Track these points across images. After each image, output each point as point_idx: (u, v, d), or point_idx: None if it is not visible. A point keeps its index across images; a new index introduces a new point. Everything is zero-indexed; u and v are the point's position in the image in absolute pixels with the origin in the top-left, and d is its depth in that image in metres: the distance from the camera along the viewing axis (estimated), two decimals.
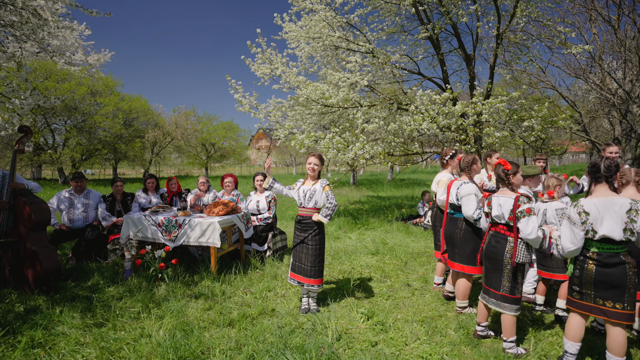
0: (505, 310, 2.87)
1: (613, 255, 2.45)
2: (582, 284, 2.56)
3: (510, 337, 2.87)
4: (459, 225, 3.59)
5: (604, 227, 2.43)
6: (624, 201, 2.43)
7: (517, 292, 2.86)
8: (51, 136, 21.89)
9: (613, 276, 2.44)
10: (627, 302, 2.43)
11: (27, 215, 4.06)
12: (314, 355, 2.62)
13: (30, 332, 3.00)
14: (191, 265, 4.80)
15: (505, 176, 3.00)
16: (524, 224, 2.75)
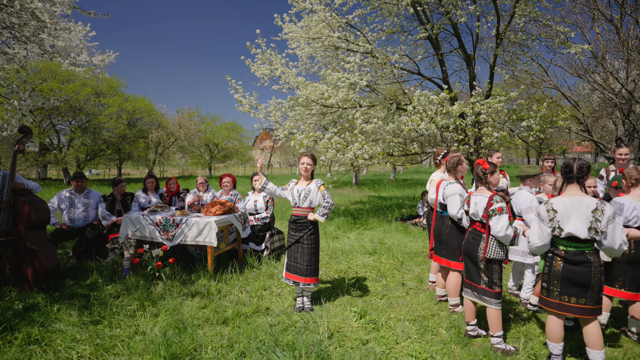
0: (488, 304, 2.94)
1: (579, 254, 2.52)
2: (550, 280, 2.64)
3: (497, 331, 2.92)
4: (446, 223, 3.67)
5: (570, 225, 2.51)
6: (591, 201, 2.50)
7: (495, 286, 2.94)
8: (56, 136, 22.12)
9: (578, 274, 2.51)
10: (589, 299, 2.51)
11: (27, 214, 4.13)
12: (304, 353, 2.65)
13: (28, 328, 3.06)
14: (189, 264, 4.85)
15: (483, 175, 3.10)
16: (494, 221, 2.86)
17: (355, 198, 13.95)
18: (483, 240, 2.99)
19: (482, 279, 3.00)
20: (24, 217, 4.13)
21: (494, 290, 2.94)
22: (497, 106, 6.03)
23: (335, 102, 7.41)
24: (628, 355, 2.86)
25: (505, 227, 2.84)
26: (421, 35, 7.30)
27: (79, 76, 19.88)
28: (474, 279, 3.05)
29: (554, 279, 2.61)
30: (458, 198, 3.46)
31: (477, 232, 3.07)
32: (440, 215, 3.79)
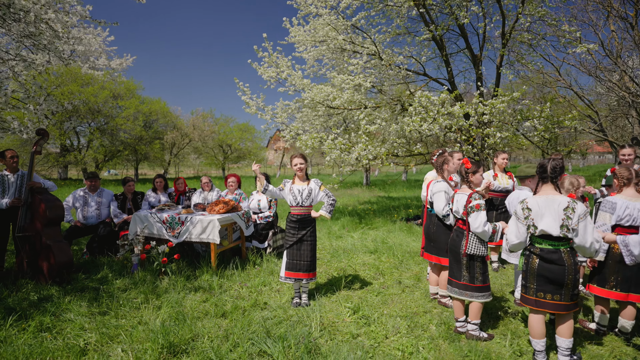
0: (470, 298, 3.07)
1: (554, 252, 2.60)
2: (527, 278, 2.73)
3: (474, 319, 3.08)
4: (433, 221, 3.77)
5: (543, 222, 2.59)
6: (563, 199, 2.58)
7: (477, 281, 3.05)
8: (76, 138, 22.90)
9: (553, 272, 2.59)
10: (564, 295, 2.59)
11: (43, 211, 4.40)
12: (293, 344, 2.78)
13: (40, 317, 3.29)
14: (194, 261, 5.05)
15: (465, 174, 3.19)
16: (472, 218, 2.97)
17: (364, 198, 14.01)
18: (464, 237, 3.11)
19: (463, 275, 3.12)
20: (40, 214, 4.40)
21: (475, 284, 3.06)
22: (500, 107, 6.03)
23: (341, 104, 7.53)
24: (615, 353, 2.89)
25: (483, 223, 2.95)
26: (426, 36, 7.34)
27: (98, 79, 20.56)
28: (456, 275, 3.17)
29: (531, 276, 2.70)
30: (443, 195, 3.57)
31: (460, 230, 3.19)
32: (429, 213, 3.90)
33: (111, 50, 9.37)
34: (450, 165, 3.74)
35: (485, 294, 3.07)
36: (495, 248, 5.10)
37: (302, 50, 8.73)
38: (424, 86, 8.37)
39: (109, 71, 9.69)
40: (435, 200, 3.64)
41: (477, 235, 3.04)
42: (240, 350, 2.77)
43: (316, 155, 23.54)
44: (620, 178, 3.20)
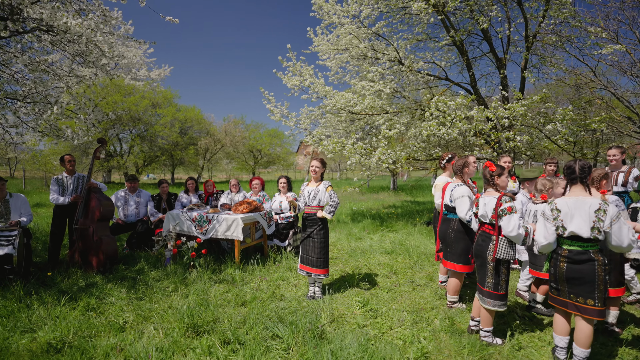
0: (488, 306, 3.03)
1: (582, 253, 2.60)
2: (557, 281, 2.74)
3: (487, 326, 3.08)
4: (452, 226, 3.80)
5: (573, 224, 2.59)
6: (594, 201, 2.57)
7: (500, 288, 3.01)
8: (119, 144, 24.53)
9: (582, 272, 2.58)
10: (598, 299, 2.56)
11: (96, 208, 4.99)
12: (301, 329, 3.07)
13: (87, 299, 3.78)
14: (220, 256, 5.47)
15: (490, 177, 3.21)
16: (505, 221, 2.90)
17: (389, 202, 14.08)
18: (492, 241, 3.04)
19: (487, 282, 3.06)
20: (94, 211, 4.99)
21: (498, 292, 3.01)
22: (520, 110, 6.03)
23: (361, 109, 7.78)
24: (614, 353, 2.94)
25: (517, 226, 2.86)
26: (445, 42, 7.45)
27: (139, 89, 22.00)
28: (481, 281, 3.12)
29: (560, 280, 2.70)
30: (467, 200, 3.55)
31: (487, 234, 3.11)
32: (445, 218, 3.93)
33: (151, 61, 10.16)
34: (470, 168, 3.72)
35: (504, 302, 3.04)
36: None
37: (326, 58, 9.08)
38: (445, 90, 8.44)
39: (149, 81, 10.49)
40: (457, 205, 3.62)
41: (509, 239, 2.96)
42: (255, 332, 3.09)
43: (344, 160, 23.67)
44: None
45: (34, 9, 3.70)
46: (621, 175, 5.08)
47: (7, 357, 2.71)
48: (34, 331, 3.12)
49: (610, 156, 4.91)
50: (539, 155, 14.62)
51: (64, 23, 3.68)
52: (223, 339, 3.01)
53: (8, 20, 3.98)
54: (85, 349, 2.84)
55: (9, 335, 3.03)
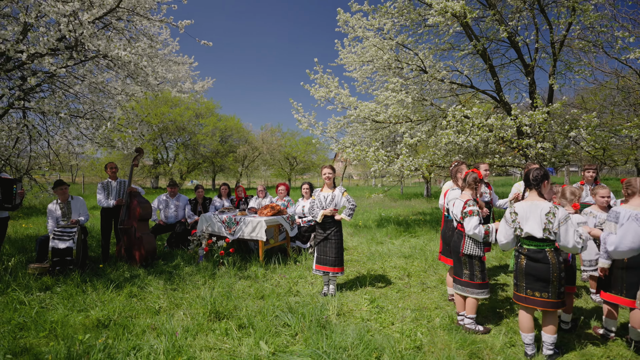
0: (469, 294, 3.40)
1: (539, 251, 2.88)
2: (517, 276, 3.01)
3: (470, 314, 3.41)
4: (450, 226, 4.08)
5: (527, 226, 2.89)
6: (545, 205, 2.84)
7: (476, 278, 3.38)
8: (165, 152, 26.35)
9: (538, 270, 2.86)
10: (552, 293, 2.83)
11: (137, 210, 5.69)
12: (307, 319, 3.43)
13: (130, 288, 4.40)
14: (246, 255, 5.97)
15: (474, 183, 3.53)
16: (466, 222, 3.35)
17: (420, 209, 14.06)
18: (462, 238, 3.49)
19: (464, 273, 3.47)
20: (135, 212, 5.69)
21: (475, 281, 3.39)
22: (540, 118, 6.02)
23: (384, 118, 8.05)
24: (608, 354, 3.02)
25: (474, 226, 3.30)
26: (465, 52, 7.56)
27: (184, 101, 23.63)
28: (458, 273, 3.53)
29: (520, 275, 2.99)
30: (457, 202, 3.91)
31: (460, 232, 3.57)
32: (446, 219, 4.24)
33: (195, 74, 11.08)
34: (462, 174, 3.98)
35: (484, 290, 3.39)
36: None
37: (352, 69, 9.47)
38: (469, 98, 8.50)
39: (193, 93, 11.43)
40: (449, 206, 3.99)
41: (471, 237, 3.40)
42: (267, 320, 3.50)
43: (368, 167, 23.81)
44: (627, 188, 3.33)
45: (92, 42, 4.43)
46: None
47: (67, 329, 3.32)
48: (87, 310, 3.74)
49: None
50: (578, 160, 14.01)
51: (116, 53, 4.38)
52: (239, 324, 3.45)
53: (73, 51, 4.77)
54: (127, 326, 3.40)
55: (69, 313, 3.68)
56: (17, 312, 3.62)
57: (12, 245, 6.46)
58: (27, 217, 10.61)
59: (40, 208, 12.00)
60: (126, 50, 4.51)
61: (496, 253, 6.09)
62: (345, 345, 2.99)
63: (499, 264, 5.74)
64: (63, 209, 5.36)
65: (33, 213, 11.31)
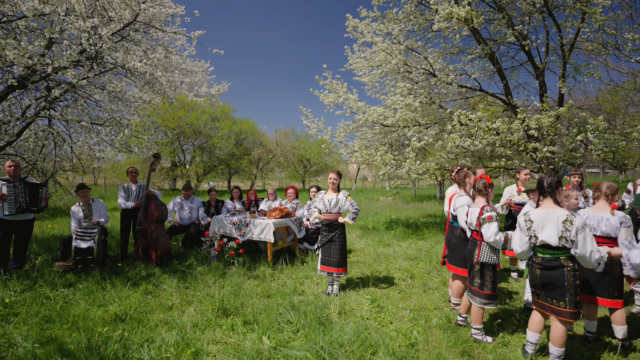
0: (477, 304, 3.38)
1: (553, 260, 2.85)
2: (535, 286, 3.00)
3: (476, 324, 3.39)
4: (455, 233, 4.12)
5: (543, 233, 2.86)
6: (562, 213, 2.83)
7: (485, 288, 3.34)
8: (182, 155, 27.02)
9: (553, 278, 2.84)
10: (569, 302, 2.80)
11: (154, 212, 6.00)
12: (308, 317, 3.62)
13: (146, 285, 4.68)
14: (255, 256, 6.21)
15: (484, 188, 3.55)
16: (485, 229, 3.26)
17: (431, 211, 14.06)
18: (477, 246, 3.44)
19: (475, 282, 3.42)
20: (152, 214, 6.01)
21: (485, 291, 3.35)
22: (546, 122, 6.03)
23: (392, 123, 8.17)
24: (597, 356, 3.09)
25: (494, 233, 3.21)
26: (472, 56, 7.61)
27: (200, 105, 24.20)
28: (471, 281, 3.48)
29: (537, 284, 2.97)
30: (466, 209, 3.83)
31: (475, 240, 3.49)
32: (451, 226, 4.27)
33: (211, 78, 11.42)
34: (470, 180, 3.99)
35: (492, 302, 3.34)
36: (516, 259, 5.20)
37: (362, 74, 9.63)
38: (478, 101, 8.52)
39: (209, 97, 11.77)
40: (459, 213, 3.93)
41: (490, 245, 3.29)
42: (271, 317, 3.70)
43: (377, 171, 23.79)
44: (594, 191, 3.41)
45: (111, 54, 4.76)
46: None
47: (88, 322, 3.60)
48: (106, 306, 4.03)
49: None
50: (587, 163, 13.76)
51: (132, 65, 4.69)
52: (245, 320, 3.66)
53: (93, 62, 5.12)
54: (141, 320, 3.66)
55: (89, 308, 3.97)
56: (43, 306, 3.94)
57: (38, 244, 6.89)
58: (52, 218, 11.18)
59: (64, 209, 12.60)
60: (142, 61, 4.82)
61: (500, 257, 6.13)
62: (342, 342, 3.17)
63: (502, 267, 5.79)
64: (85, 210, 5.71)
65: (57, 214, 11.89)
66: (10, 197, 5.07)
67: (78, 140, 6.33)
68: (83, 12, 4.19)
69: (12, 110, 5.61)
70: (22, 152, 6.66)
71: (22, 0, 4.47)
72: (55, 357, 2.88)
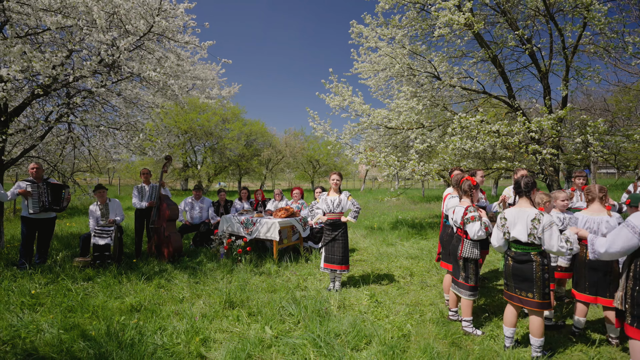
0: (462, 295, 3.63)
1: (524, 254, 3.11)
2: (506, 277, 3.27)
3: (467, 316, 3.62)
4: (448, 231, 4.35)
5: (515, 230, 3.13)
6: (532, 212, 3.07)
7: (470, 281, 3.60)
8: (194, 156, 27.58)
9: (523, 271, 3.10)
10: (536, 293, 3.05)
11: (166, 211, 6.33)
12: (309, 310, 3.87)
13: (159, 280, 5.00)
14: (262, 254, 6.49)
15: (469, 189, 3.78)
16: (469, 227, 3.53)
17: (438, 212, 14.16)
18: (460, 242, 3.71)
19: (460, 275, 3.68)
20: (164, 214, 6.34)
21: (469, 284, 3.61)
22: (547, 124, 6.16)
23: (396, 125, 8.38)
24: (584, 351, 3.27)
25: (477, 230, 3.49)
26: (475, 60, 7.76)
27: (211, 107, 24.69)
28: (456, 274, 3.75)
29: (508, 275, 3.23)
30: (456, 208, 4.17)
31: (458, 236, 3.78)
32: (445, 225, 4.52)
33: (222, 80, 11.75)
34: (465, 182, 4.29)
35: (474, 293, 3.59)
36: None
37: (367, 77, 9.86)
38: (482, 103, 8.66)
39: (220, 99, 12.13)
40: (449, 212, 4.16)
41: (472, 241, 3.58)
42: (274, 309, 3.97)
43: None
44: (586, 194, 3.58)
45: (128, 64, 5.10)
46: None
47: (106, 311, 3.92)
48: (123, 298, 4.36)
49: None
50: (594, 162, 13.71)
51: (147, 74, 5.02)
52: (249, 312, 3.94)
53: (111, 70, 5.48)
54: (155, 310, 3.97)
55: (107, 299, 4.30)
56: (66, 297, 4.28)
57: (59, 241, 7.31)
58: (70, 217, 11.68)
59: (82, 209, 13.12)
60: (156, 70, 5.14)
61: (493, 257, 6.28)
62: (339, 332, 3.41)
63: (494, 268, 5.95)
64: (102, 209, 6.08)
65: (75, 213, 12.41)
66: (34, 197, 5.45)
67: (96, 143, 6.72)
68: (104, 25, 4.53)
69: (36, 116, 6.01)
70: (44, 154, 7.08)
71: (47, 15, 4.84)
72: (79, 342, 3.19)
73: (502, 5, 7.78)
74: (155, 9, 5.22)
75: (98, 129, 5.45)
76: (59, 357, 2.98)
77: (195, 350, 3.12)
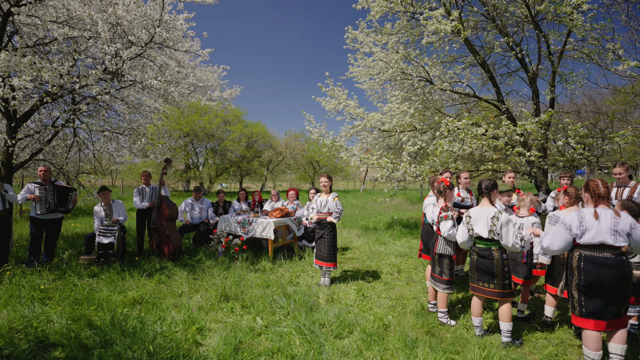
0: (438, 288, 3.94)
1: (486, 249, 3.45)
2: (471, 270, 3.60)
3: (442, 307, 3.93)
4: (426, 228, 4.69)
5: (477, 227, 3.46)
6: (492, 210, 3.41)
7: (444, 275, 3.91)
8: (196, 157, 27.96)
9: (485, 264, 3.44)
10: (496, 284, 3.39)
11: (166, 211, 6.64)
12: (298, 302, 4.17)
13: (159, 276, 5.31)
14: (258, 252, 6.79)
15: (444, 190, 4.08)
16: (442, 225, 3.86)
17: None
18: (436, 239, 4.04)
19: (435, 269, 4.01)
20: (165, 214, 6.65)
21: (443, 278, 3.92)
22: (529, 128, 6.44)
23: (389, 128, 8.67)
24: (562, 338, 3.55)
25: (448, 229, 3.81)
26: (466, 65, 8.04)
27: (213, 109, 25.03)
28: (433, 269, 4.06)
29: (472, 268, 3.57)
30: (431, 207, 4.48)
31: (435, 233, 4.12)
32: (424, 222, 4.85)
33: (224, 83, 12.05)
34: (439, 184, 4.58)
35: (449, 287, 3.88)
36: None
37: (362, 81, 10.16)
38: (472, 107, 8.94)
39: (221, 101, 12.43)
40: (426, 211, 4.56)
41: (446, 239, 3.91)
42: (266, 302, 4.27)
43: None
44: (570, 196, 3.85)
45: (130, 72, 5.42)
46: (627, 190, 5.33)
47: (110, 304, 4.23)
48: (126, 292, 4.67)
49: (616, 174, 5.17)
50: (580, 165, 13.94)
51: (149, 82, 5.34)
52: (243, 305, 4.24)
53: (114, 78, 5.80)
54: (156, 303, 4.27)
55: (111, 293, 4.61)
56: (73, 291, 4.60)
57: (65, 241, 7.63)
58: (75, 217, 12.03)
59: (86, 210, 13.47)
60: (157, 78, 5.46)
61: None
62: (324, 322, 3.71)
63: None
64: (106, 210, 6.40)
65: (80, 214, 12.75)
66: (41, 199, 5.78)
67: (100, 147, 7.05)
68: (107, 38, 4.85)
69: (43, 122, 6.34)
70: (50, 157, 7.42)
71: (55, 26, 5.17)
72: (86, 330, 3.50)
73: (491, 13, 8.07)
74: (156, 20, 5.54)
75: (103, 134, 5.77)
76: (68, 343, 3.29)
77: (191, 338, 3.42)
